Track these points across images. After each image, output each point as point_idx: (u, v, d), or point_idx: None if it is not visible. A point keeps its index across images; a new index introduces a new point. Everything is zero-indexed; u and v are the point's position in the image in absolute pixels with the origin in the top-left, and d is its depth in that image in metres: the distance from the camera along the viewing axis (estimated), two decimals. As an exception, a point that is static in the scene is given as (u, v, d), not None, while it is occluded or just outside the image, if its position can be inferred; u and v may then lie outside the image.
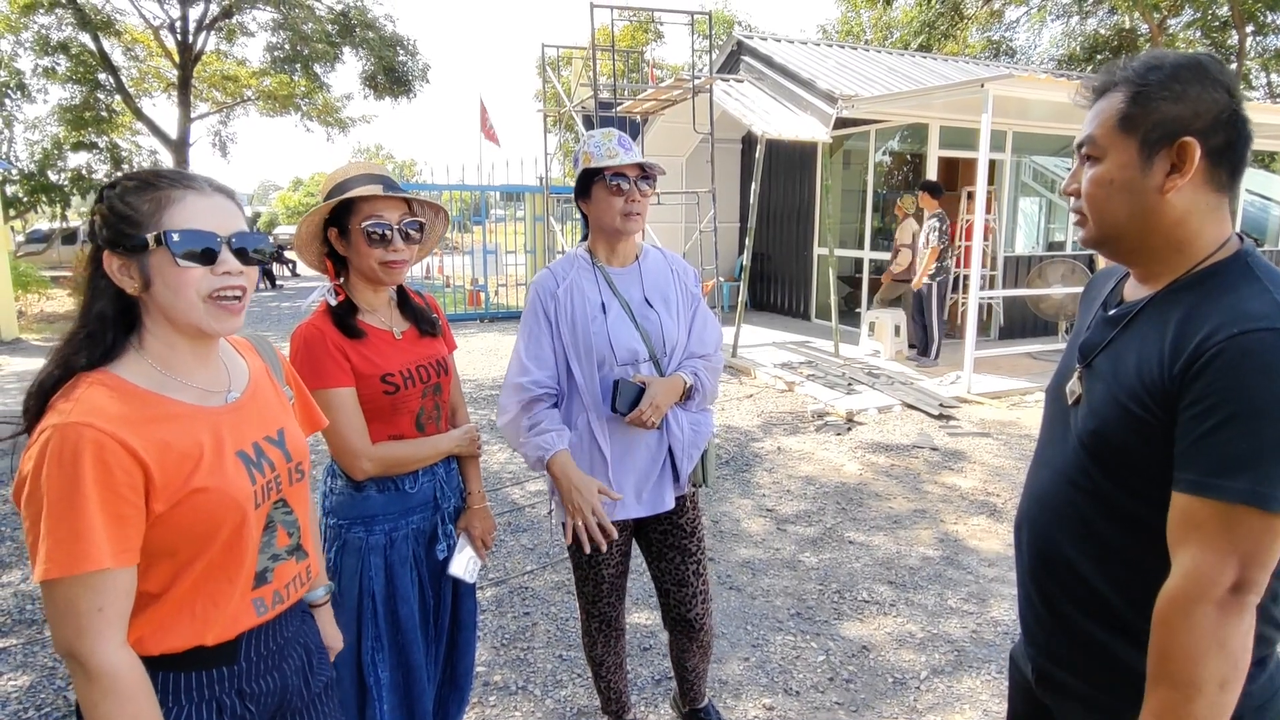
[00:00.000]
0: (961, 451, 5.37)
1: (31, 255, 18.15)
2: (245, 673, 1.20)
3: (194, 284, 1.09)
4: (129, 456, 1.02)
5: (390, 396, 1.75)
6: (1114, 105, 1.07)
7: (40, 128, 18.52)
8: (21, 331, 10.88)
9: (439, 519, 1.89)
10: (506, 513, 4.35)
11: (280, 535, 1.25)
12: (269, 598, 1.22)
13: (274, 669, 1.24)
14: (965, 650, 2.96)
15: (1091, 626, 1.12)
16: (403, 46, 19.08)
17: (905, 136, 9.48)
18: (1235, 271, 1.03)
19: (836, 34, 26.38)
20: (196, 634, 1.13)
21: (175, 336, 1.13)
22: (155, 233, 1.07)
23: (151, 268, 1.08)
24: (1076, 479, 1.13)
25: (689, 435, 2.06)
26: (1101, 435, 1.08)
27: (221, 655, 1.17)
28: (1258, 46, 19.70)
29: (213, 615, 1.14)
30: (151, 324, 1.12)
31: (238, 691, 1.19)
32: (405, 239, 1.73)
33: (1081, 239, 1.16)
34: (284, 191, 57.06)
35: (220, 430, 1.15)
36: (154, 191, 1.09)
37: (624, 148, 1.93)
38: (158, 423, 1.07)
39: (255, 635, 1.21)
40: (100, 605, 1.01)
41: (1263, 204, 11.50)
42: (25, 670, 2.85)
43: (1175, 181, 1.03)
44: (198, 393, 1.15)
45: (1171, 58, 1.06)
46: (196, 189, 1.12)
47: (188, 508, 1.08)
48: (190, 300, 1.09)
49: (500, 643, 3.03)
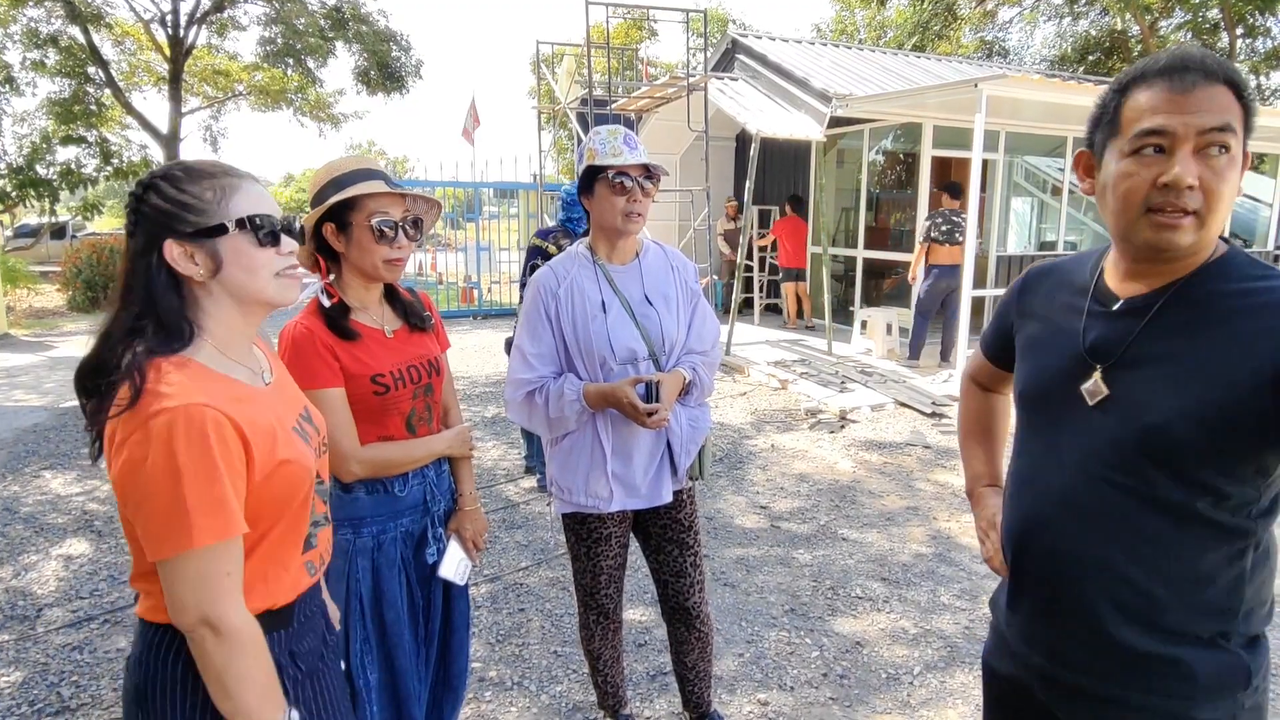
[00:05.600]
0: (954, 449, 5.40)
1: (20, 250, 18.00)
2: (296, 634, 1.25)
3: (269, 264, 1.17)
4: (236, 434, 1.08)
5: (380, 397, 1.72)
6: (1230, 99, 1.00)
7: (29, 121, 18.34)
8: (10, 327, 10.79)
9: (429, 522, 1.86)
10: (501, 509, 4.35)
11: (318, 503, 1.32)
12: (316, 560, 1.31)
13: (312, 630, 1.31)
14: (957, 646, 2.98)
15: (1117, 626, 1.11)
16: (396, 42, 18.97)
17: (899, 136, 9.50)
18: (1250, 264, 1.07)
19: (831, 33, 26.42)
20: (269, 597, 1.19)
21: (236, 319, 1.18)
22: (236, 217, 1.13)
23: (226, 251, 1.13)
24: (1112, 477, 1.10)
25: (687, 430, 2.07)
26: (1158, 428, 1.05)
27: (282, 618, 1.22)
28: (1247, 49, 19.83)
29: (283, 579, 1.21)
30: (214, 308, 1.16)
31: (290, 652, 1.24)
32: (407, 235, 1.73)
33: (1179, 242, 1.03)
34: (275, 187, 56.74)
35: (277, 408, 1.21)
36: (213, 179, 1.14)
37: (629, 146, 1.94)
38: (240, 402, 1.12)
39: (304, 598, 1.28)
40: (229, 570, 1.08)
41: (1253, 205, 11.58)
42: (18, 666, 2.84)
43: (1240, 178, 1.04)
44: (249, 374, 1.21)
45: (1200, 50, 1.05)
46: (246, 178, 1.18)
47: (275, 479, 1.14)
48: (265, 278, 1.17)
49: (495, 639, 3.04)
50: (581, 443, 2.02)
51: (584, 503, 2.05)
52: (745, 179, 8.24)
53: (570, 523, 2.14)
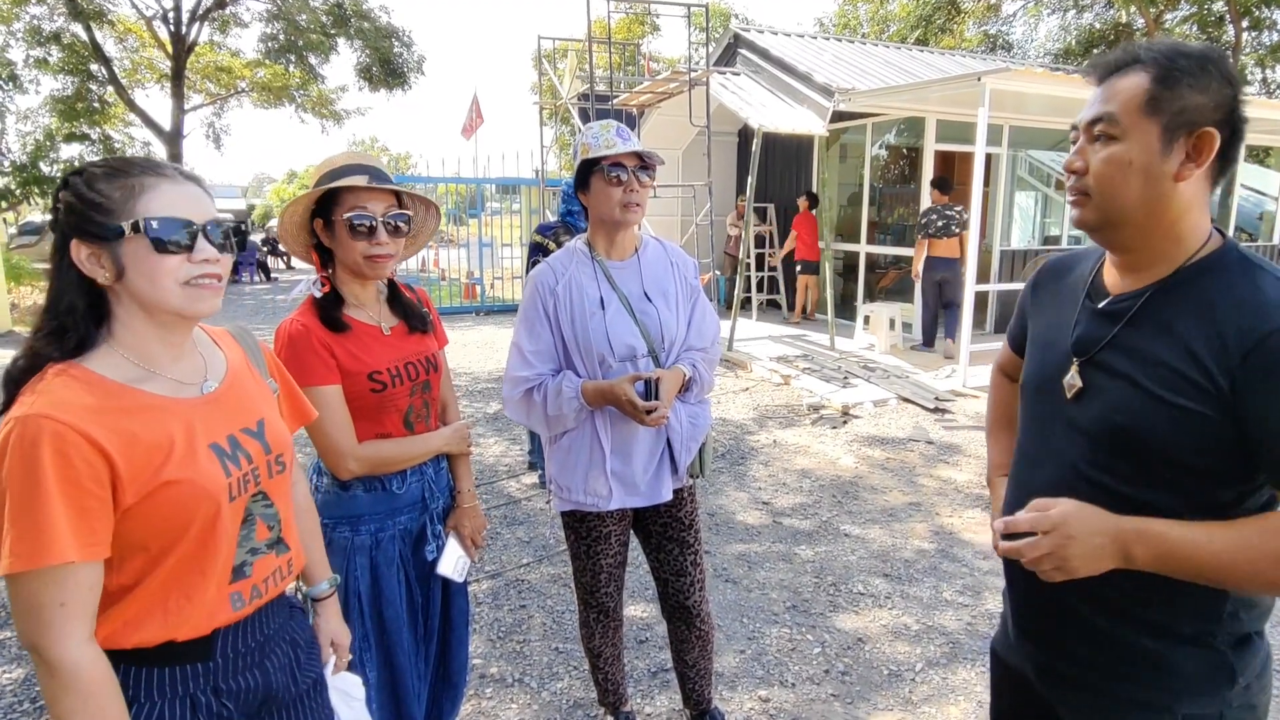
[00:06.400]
0: (957, 445, 5.39)
1: (24, 248, 18.02)
2: (221, 669, 1.17)
3: (172, 272, 1.07)
4: (91, 448, 1.00)
5: (377, 394, 1.71)
6: (1138, 85, 1.04)
7: (32, 119, 18.38)
8: (15, 324, 10.82)
9: (427, 519, 1.85)
10: (501, 505, 4.35)
11: (260, 528, 1.22)
12: (247, 592, 1.20)
13: (255, 666, 1.22)
14: (960, 642, 2.97)
15: (1099, 617, 1.13)
16: (397, 38, 18.96)
17: (902, 130, 9.47)
18: (1236, 264, 1.04)
19: (833, 27, 26.34)
20: (169, 629, 1.11)
21: (147, 327, 1.11)
22: (132, 220, 1.05)
23: (126, 256, 1.05)
24: (1086, 471, 1.12)
25: (687, 428, 2.06)
26: (1126, 429, 1.07)
27: (195, 651, 1.14)
28: (1253, 42, 19.71)
29: (186, 610, 1.12)
30: (124, 314, 1.10)
31: (213, 689, 1.16)
32: (392, 232, 1.68)
33: (1078, 219, 1.13)
34: (278, 184, 56.82)
35: (193, 422, 1.12)
36: (126, 178, 1.07)
37: (622, 138, 1.92)
38: (125, 414, 1.05)
39: (232, 631, 1.19)
40: (62, 600, 0.99)
41: (1258, 199, 11.52)
42: (19, 663, 2.85)
43: (1189, 170, 1.03)
44: (171, 384, 1.13)
45: (1194, 45, 1.05)
46: (169, 177, 1.10)
47: (159, 500, 1.06)
48: (168, 287, 1.08)
49: (496, 635, 3.04)
50: (580, 441, 2.01)
51: (583, 501, 2.04)
52: (747, 174, 8.22)
53: (570, 521, 2.13)
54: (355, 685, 1.50)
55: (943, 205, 7.54)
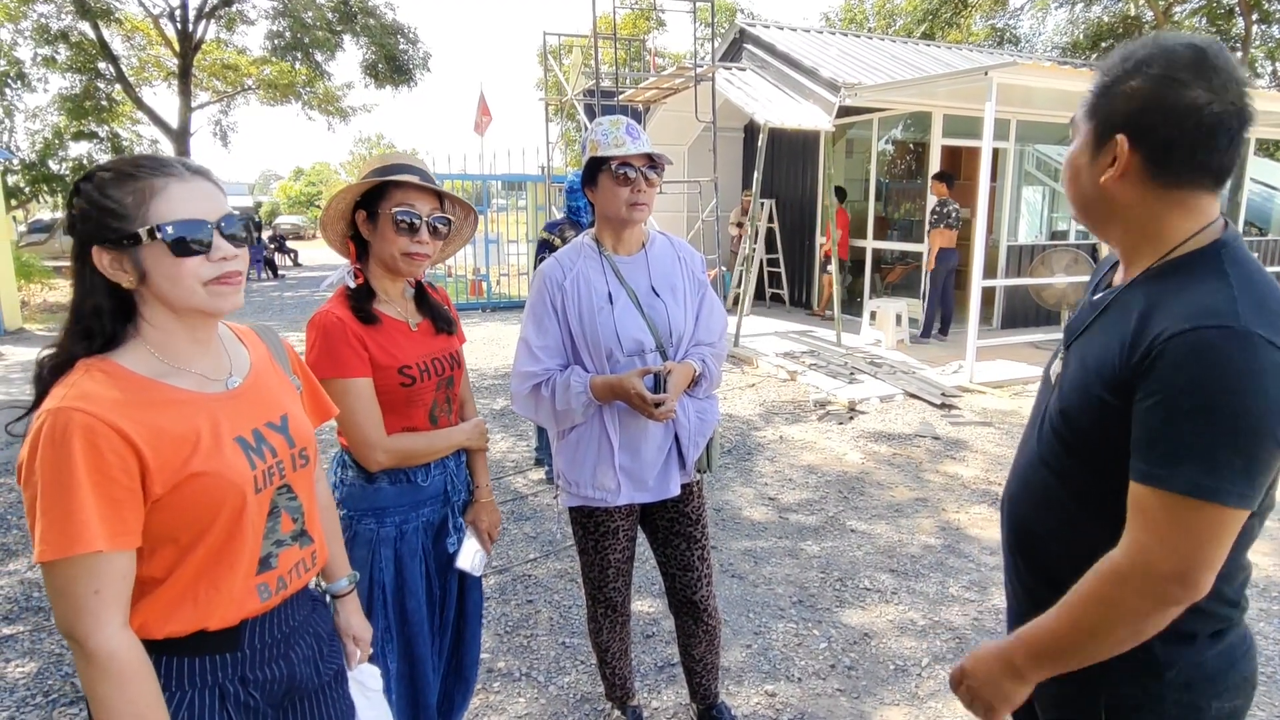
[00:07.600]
0: (963, 440, 5.38)
1: (34, 246, 18.14)
2: (248, 660, 1.20)
3: (193, 273, 1.09)
4: (120, 440, 1.02)
5: (406, 389, 1.74)
6: (1088, 90, 1.10)
7: (41, 117, 18.48)
8: (25, 322, 10.90)
9: (449, 512, 1.88)
10: (510, 501, 4.37)
11: (284, 521, 1.24)
12: (273, 583, 1.22)
13: (280, 657, 1.24)
14: (966, 638, 2.97)
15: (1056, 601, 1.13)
16: (403, 35, 18.99)
17: (909, 125, 9.44)
18: (1204, 264, 1.02)
19: (839, 22, 26.23)
20: (199, 619, 1.13)
21: (173, 324, 1.13)
22: (147, 226, 1.06)
23: (146, 261, 1.07)
24: (1047, 458, 1.16)
25: (695, 423, 2.06)
26: (1067, 416, 1.11)
27: (224, 641, 1.17)
28: (1263, 35, 19.55)
29: (215, 600, 1.14)
30: (149, 313, 1.12)
31: (240, 678, 1.19)
32: (432, 233, 1.73)
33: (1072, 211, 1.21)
34: (285, 181, 56.98)
35: (218, 416, 1.15)
36: (135, 182, 1.07)
37: (632, 136, 1.92)
38: (153, 408, 1.07)
39: (259, 622, 1.21)
40: (96, 588, 1.01)
41: (1268, 193, 11.44)
42: (32, 657, 2.88)
43: (1110, 174, 1.06)
44: (197, 379, 1.16)
45: (1148, 48, 1.03)
46: (177, 175, 1.10)
47: (186, 492, 1.08)
48: (190, 288, 1.09)
49: (504, 630, 3.05)
50: (589, 435, 2.01)
51: (591, 495, 2.04)
52: (753, 170, 8.20)
53: (577, 516, 2.14)
54: (372, 676, 1.52)
55: (945, 199, 7.90)
